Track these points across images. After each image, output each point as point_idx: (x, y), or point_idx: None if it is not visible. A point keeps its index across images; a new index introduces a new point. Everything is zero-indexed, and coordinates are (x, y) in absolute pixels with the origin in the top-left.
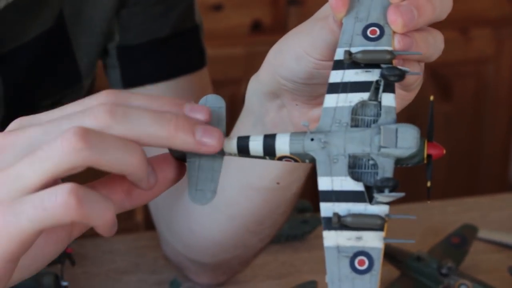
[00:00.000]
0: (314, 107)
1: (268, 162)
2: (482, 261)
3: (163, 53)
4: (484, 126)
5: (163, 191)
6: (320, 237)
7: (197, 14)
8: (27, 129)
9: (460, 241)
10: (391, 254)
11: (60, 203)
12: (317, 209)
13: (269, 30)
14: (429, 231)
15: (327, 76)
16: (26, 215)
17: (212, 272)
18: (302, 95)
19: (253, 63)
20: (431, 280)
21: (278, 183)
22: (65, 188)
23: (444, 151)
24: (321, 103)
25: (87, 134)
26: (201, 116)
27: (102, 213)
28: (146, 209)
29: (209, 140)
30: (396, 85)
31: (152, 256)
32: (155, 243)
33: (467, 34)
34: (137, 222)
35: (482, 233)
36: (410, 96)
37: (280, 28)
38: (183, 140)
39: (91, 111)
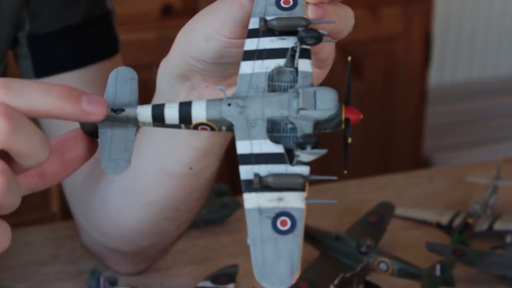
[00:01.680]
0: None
1: (180, 147)
2: (400, 238)
3: (75, 40)
4: (396, 103)
5: (76, 169)
6: (240, 220)
7: (109, 0)
8: None
9: (378, 219)
10: (310, 235)
11: None
12: (235, 193)
13: (179, 14)
14: (346, 210)
15: (237, 55)
16: None
17: (131, 260)
18: (212, 76)
19: (164, 47)
20: (350, 259)
21: (191, 168)
22: None
23: (361, 116)
24: (232, 84)
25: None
26: (99, 109)
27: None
28: (61, 198)
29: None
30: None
31: (70, 246)
32: (72, 233)
33: (376, 12)
34: (52, 211)
35: (399, 211)
36: (323, 74)
37: (190, 11)
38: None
39: None
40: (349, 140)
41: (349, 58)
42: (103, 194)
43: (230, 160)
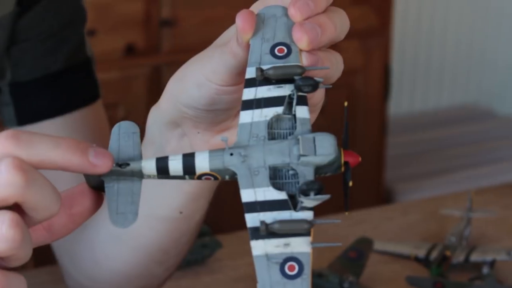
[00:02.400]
0: (216, 134)
1: (170, 192)
2: (380, 273)
3: (57, 88)
4: (357, 135)
5: (83, 222)
6: (220, 260)
7: (88, 47)
8: None
9: (357, 254)
10: None
11: None
12: (215, 232)
13: (143, 53)
14: (324, 249)
15: (229, 102)
16: None
17: None
18: (203, 122)
19: (129, 86)
20: None
21: (181, 213)
22: None
23: (360, 159)
24: (223, 129)
25: (18, 226)
26: (105, 161)
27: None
28: None
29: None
30: None
31: None
32: (55, 278)
33: (336, 46)
34: None
35: (377, 245)
36: (313, 118)
37: (153, 50)
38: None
39: None
40: (350, 183)
41: (346, 104)
42: (91, 241)
43: (212, 200)
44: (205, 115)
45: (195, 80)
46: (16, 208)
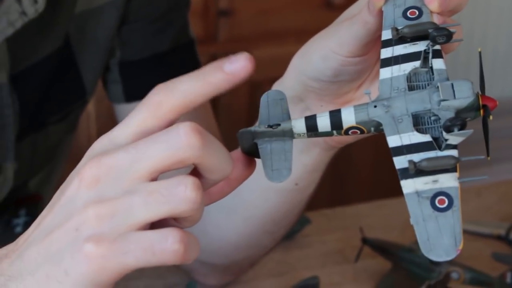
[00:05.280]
0: (338, 107)
1: None
2: (465, 250)
3: (164, 67)
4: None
5: (237, 187)
6: (308, 236)
7: (191, 30)
8: (113, 155)
9: None
10: (382, 247)
11: (170, 250)
12: (305, 209)
13: (201, 42)
14: (407, 224)
15: (353, 73)
16: (133, 255)
17: (221, 273)
18: (327, 95)
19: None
20: (423, 270)
21: (296, 184)
22: (176, 236)
23: (497, 102)
24: (345, 102)
25: (199, 189)
26: (242, 63)
27: (195, 255)
28: None
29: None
30: None
31: None
32: None
33: None
34: None
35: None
36: None
37: (211, 39)
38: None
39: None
40: (491, 117)
41: (480, 49)
42: None
43: None
44: (330, 87)
45: (320, 54)
46: (193, 171)
